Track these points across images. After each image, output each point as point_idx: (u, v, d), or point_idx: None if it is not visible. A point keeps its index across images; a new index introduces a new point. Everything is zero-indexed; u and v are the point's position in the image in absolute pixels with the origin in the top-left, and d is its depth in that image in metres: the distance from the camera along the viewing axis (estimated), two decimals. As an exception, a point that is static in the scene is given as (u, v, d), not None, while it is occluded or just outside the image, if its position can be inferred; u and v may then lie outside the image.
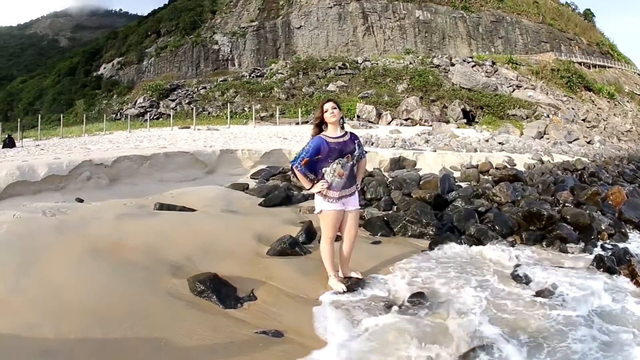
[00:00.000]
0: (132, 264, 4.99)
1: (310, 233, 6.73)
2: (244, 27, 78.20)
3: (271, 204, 9.00)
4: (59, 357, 3.34)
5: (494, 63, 54.39)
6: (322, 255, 5.09)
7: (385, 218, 7.58)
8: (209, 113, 48.71)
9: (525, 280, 5.27)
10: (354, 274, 5.24)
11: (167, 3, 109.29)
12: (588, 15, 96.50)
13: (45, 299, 4.12)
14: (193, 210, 8.03)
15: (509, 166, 15.15)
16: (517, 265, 5.64)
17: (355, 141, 5.06)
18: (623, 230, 8.50)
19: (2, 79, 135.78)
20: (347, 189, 4.97)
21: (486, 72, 51.66)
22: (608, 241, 7.82)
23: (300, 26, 76.83)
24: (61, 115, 44.90)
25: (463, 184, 12.41)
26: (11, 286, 4.32)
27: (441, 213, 8.31)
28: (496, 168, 14.63)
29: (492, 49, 72.93)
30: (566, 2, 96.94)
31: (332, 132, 5.00)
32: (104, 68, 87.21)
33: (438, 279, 5.24)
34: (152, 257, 5.25)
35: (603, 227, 8.23)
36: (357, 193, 5.16)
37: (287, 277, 5.20)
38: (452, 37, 75.07)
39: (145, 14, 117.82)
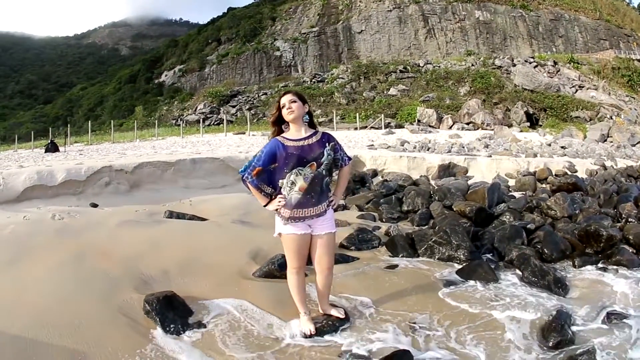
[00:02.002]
0: (103, 273, 4.74)
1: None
2: (304, 33, 78.13)
3: (292, 216, 8.07)
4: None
5: (555, 63, 51.54)
6: (289, 287, 4.09)
7: (412, 236, 6.38)
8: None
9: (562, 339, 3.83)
10: (334, 312, 4.17)
11: (226, 12, 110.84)
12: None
13: (10, 295, 4.22)
14: (204, 219, 7.46)
15: (569, 173, 13.59)
16: (557, 317, 4.08)
17: (328, 144, 3.94)
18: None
19: (62, 86, 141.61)
20: (311, 207, 3.86)
21: (548, 72, 48.98)
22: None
23: (362, 30, 76.05)
24: (111, 121, 45.79)
25: (517, 194, 11.08)
26: (-14, 280, 4.46)
27: (483, 230, 7.04)
28: (555, 175, 13.14)
29: (554, 49, 69.63)
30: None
31: (293, 133, 3.94)
32: (166, 75, 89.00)
33: (439, 335, 3.97)
34: (128, 268, 4.92)
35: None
36: (330, 212, 4.02)
37: (259, 305, 4.37)
38: (514, 38, 72.27)
39: (205, 23, 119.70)
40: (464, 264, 5.53)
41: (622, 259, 5.85)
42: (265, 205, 3.95)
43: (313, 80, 59.47)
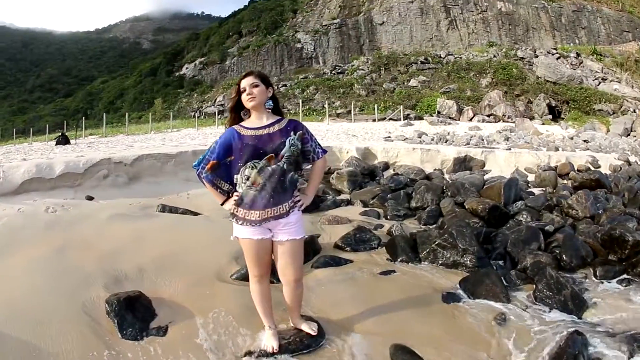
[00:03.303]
0: (79, 269, 4.50)
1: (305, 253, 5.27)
2: (326, 25, 77.52)
3: (290, 211, 7.50)
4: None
5: (578, 55, 49.99)
6: (252, 296, 3.58)
7: (415, 238, 5.69)
8: (288, 110, 48.04)
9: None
10: (305, 327, 3.61)
11: (247, 4, 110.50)
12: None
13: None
14: (197, 214, 7.22)
15: (592, 168, 12.83)
16: (569, 344, 3.37)
17: (294, 133, 3.38)
18: None
19: (83, 80, 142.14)
20: (270, 207, 3.27)
21: (571, 64, 47.53)
22: None
23: (383, 22, 75.12)
24: (126, 114, 45.61)
25: (536, 190, 10.43)
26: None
27: (496, 232, 6.32)
28: (577, 170, 12.41)
29: (576, 40, 67.79)
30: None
31: (253, 121, 3.39)
32: (187, 68, 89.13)
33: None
34: (105, 264, 4.65)
35: None
36: (295, 215, 3.39)
37: (229, 313, 3.93)
38: (536, 29, 70.64)
39: (226, 16, 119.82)
40: (470, 272, 4.91)
41: (647, 268, 5.16)
42: (222, 204, 3.43)
43: (333, 71, 58.64)
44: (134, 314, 3.75)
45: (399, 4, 74.79)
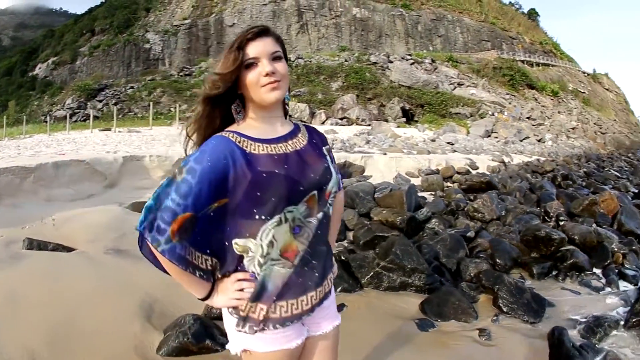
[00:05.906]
0: None
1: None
2: (176, 25, 75.10)
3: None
4: None
5: (433, 61, 53.45)
6: None
7: (343, 258, 5.06)
8: (135, 114, 45.63)
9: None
10: None
11: (103, 1, 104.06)
12: (532, 14, 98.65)
13: None
14: (70, 249, 5.42)
15: (472, 170, 13.30)
16: (560, 341, 3.58)
17: (325, 148, 1.83)
18: (635, 247, 6.74)
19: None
20: (313, 289, 1.70)
21: (426, 69, 50.50)
22: (626, 264, 6.16)
23: (233, 24, 74.03)
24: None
25: (426, 195, 10.42)
26: None
27: (418, 243, 5.93)
28: (458, 172, 12.73)
29: (431, 47, 72.46)
30: (510, 2, 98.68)
31: (262, 128, 1.69)
32: (39, 68, 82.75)
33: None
34: None
35: (615, 247, 6.49)
36: (331, 286, 1.87)
37: None
38: (389, 35, 74.19)
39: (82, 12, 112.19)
40: (427, 293, 4.59)
41: (577, 261, 5.63)
42: (204, 299, 1.64)
43: (180, 73, 57.07)
44: None
45: (252, 6, 74.59)
